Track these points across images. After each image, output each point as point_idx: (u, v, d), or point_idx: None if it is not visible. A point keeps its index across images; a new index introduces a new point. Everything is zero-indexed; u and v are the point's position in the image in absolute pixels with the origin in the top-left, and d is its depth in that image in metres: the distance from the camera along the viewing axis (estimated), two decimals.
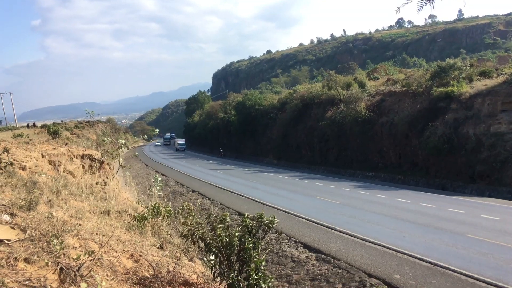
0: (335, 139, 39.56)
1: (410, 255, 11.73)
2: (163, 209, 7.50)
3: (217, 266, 4.83)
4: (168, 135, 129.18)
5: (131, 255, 4.70)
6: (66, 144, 15.72)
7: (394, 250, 12.32)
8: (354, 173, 35.31)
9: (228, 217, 5.19)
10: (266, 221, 5.15)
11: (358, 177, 34.01)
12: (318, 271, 11.37)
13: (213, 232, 4.92)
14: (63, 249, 3.66)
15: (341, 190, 25.74)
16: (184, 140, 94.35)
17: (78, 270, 3.42)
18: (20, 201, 4.83)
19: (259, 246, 4.96)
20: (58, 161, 9.56)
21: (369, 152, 35.40)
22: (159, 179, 9.32)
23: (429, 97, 30.75)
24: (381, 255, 11.99)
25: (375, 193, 24.16)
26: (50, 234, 3.86)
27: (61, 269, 3.37)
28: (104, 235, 4.72)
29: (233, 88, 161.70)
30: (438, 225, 15.28)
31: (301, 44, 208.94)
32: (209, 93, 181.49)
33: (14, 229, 3.90)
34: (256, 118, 58.57)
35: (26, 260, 3.38)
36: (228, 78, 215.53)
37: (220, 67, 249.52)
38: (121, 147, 9.94)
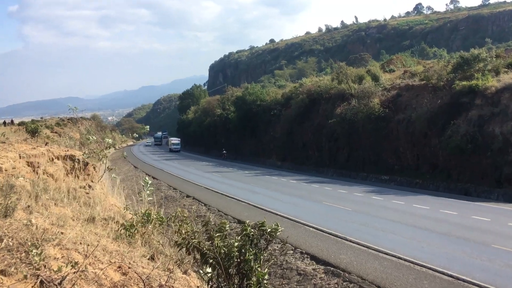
0: (345, 138, 39.54)
1: (430, 268, 11.72)
2: (154, 216, 7.49)
3: (215, 280, 4.83)
4: (159, 133, 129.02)
5: (119, 267, 4.70)
6: (46, 144, 15.74)
7: (412, 262, 12.31)
8: (366, 176, 35.28)
9: (227, 225, 5.20)
10: (269, 230, 5.15)
11: (371, 180, 33.99)
12: (327, 286, 11.37)
13: (210, 242, 4.92)
14: (44, 260, 3.66)
15: (352, 195, 25.74)
16: (179, 139, 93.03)
17: (60, 284, 3.43)
18: None
19: (261, 257, 4.96)
20: (38, 162, 9.57)
21: (384, 153, 35.35)
22: (149, 182, 9.31)
23: (451, 91, 30.70)
24: (397, 268, 11.98)
25: (390, 198, 24.16)
26: (29, 243, 3.87)
27: (41, 282, 3.38)
28: (88, 245, 4.72)
29: (232, 81, 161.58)
30: (461, 235, 15.27)
31: (307, 33, 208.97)
32: (205, 87, 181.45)
33: None
34: (257, 114, 58.56)
35: (2, 272, 3.39)
36: (227, 70, 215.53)
37: (217, 58, 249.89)
38: (108, 147, 9.95)
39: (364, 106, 37.07)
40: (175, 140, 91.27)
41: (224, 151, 66.00)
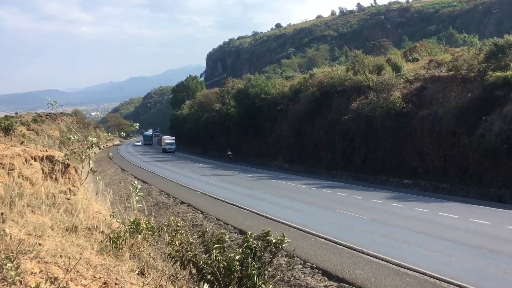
0: (362, 137, 39.48)
1: (458, 285, 11.69)
2: (144, 225, 7.52)
3: None
4: (149, 132, 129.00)
5: (105, 283, 4.72)
6: (22, 143, 15.80)
7: (438, 278, 12.28)
8: (386, 181, 35.21)
9: (226, 236, 5.22)
10: (274, 241, 5.16)
11: (391, 185, 33.92)
12: None
13: (207, 255, 4.94)
14: (19, 275, 3.69)
15: (369, 202, 25.70)
16: (174, 138, 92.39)
17: None
18: None
19: (266, 272, 4.97)
20: (12, 164, 9.61)
21: (406, 154, 35.28)
22: (139, 187, 9.34)
23: (483, 83, 30.60)
24: (421, 285, 11.96)
25: (413, 206, 24.11)
26: (3, 256, 3.89)
27: None
28: (70, 258, 4.75)
29: (233, 72, 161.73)
30: (494, 247, 15.21)
31: (319, 16, 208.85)
32: (202, 78, 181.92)
33: None
34: (261, 110, 58.59)
35: None
36: (227, 59, 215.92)
37: (216, 45, 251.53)
38: (92, 146, 9.98)
39: (384, 101, 36.99)
40: (169, 139, 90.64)
41: (229, 152, 64.11)
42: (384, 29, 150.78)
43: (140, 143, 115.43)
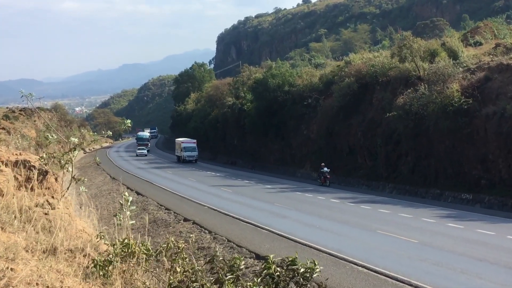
0: (410, 139, 39.23)
1: None
2: (137, 248, 7.54)
3: None
4: (145, 133, 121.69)
5: None
6: None
7: None
8: (440, 195, 34.92)
9: (241, 262, 5.20)
10: (302, 270, 5.13)
11: (446, 200, 33.65)
12: None
13: (217, 286, 4.93)
14: None
15: (419, 222, 25.54)
16: (195, 142, 77.30)
17: None
18: None
19: None
20: None
21: (465, 161, 34.94)
22: (130, 199, 9.36)
23: None
24: None
25: (475, 226, 23.90)
26: None
27: None
28: (48, 287, 4.77)
29: (250, 58, 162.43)
30: None
31: None
32: (212, 65, 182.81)
33: None
34: (284, 106, 58.60)
35: None
36: (242, 42, 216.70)
37: (229, 25, 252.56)
38: (75, 149, 10.05)
39: (438, 95, 36.68)
40: (188, 143, 76.18)
41: (326, 169, 45.23)
42: (438, 5, 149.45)
43: (145, 152, 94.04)
